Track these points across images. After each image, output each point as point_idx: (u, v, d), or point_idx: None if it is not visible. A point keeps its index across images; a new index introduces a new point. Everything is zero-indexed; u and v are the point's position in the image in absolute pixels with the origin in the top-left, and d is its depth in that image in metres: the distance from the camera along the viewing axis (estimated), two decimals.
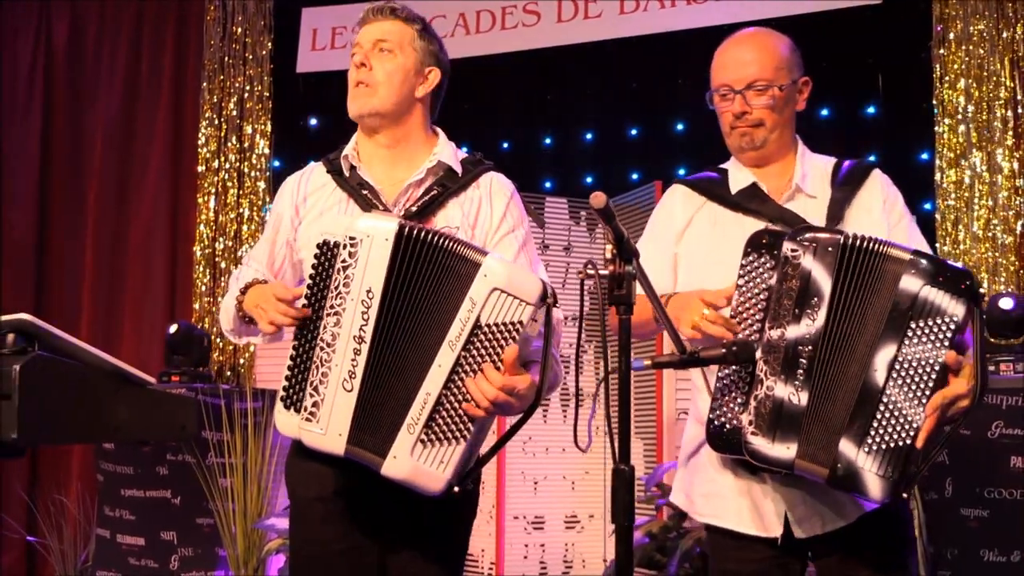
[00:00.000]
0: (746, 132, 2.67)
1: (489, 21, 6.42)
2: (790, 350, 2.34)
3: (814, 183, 2.69)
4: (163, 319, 6.57)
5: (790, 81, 2.67)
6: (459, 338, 2.24)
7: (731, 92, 2.66)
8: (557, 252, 5.54)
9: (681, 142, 6.09)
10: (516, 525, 5.35)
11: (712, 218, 2.73)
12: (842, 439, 2.29)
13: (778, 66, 2.66)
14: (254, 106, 6.78)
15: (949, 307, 2.26)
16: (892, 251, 2.32)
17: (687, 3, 6.01)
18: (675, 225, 2.77)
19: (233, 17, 6.85)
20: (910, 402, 2.25)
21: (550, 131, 6.44)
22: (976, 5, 5.39)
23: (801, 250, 2.36)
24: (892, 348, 2.27)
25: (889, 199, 2.67)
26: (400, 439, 2.26)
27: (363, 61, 2.62)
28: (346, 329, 2.28)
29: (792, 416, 2.33)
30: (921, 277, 2.28)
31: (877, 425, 2.27)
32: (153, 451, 5.25)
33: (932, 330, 2.26)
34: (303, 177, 2.74)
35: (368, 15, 2.67)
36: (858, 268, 2.33)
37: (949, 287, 2.26)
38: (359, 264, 2.28)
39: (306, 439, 2.32)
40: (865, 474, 2.27)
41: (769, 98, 2.64)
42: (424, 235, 2.29)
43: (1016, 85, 5.31)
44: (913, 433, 2.25)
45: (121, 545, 5.37)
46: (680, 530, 4.76)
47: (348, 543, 2.50)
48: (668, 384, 5.11)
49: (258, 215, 6.67)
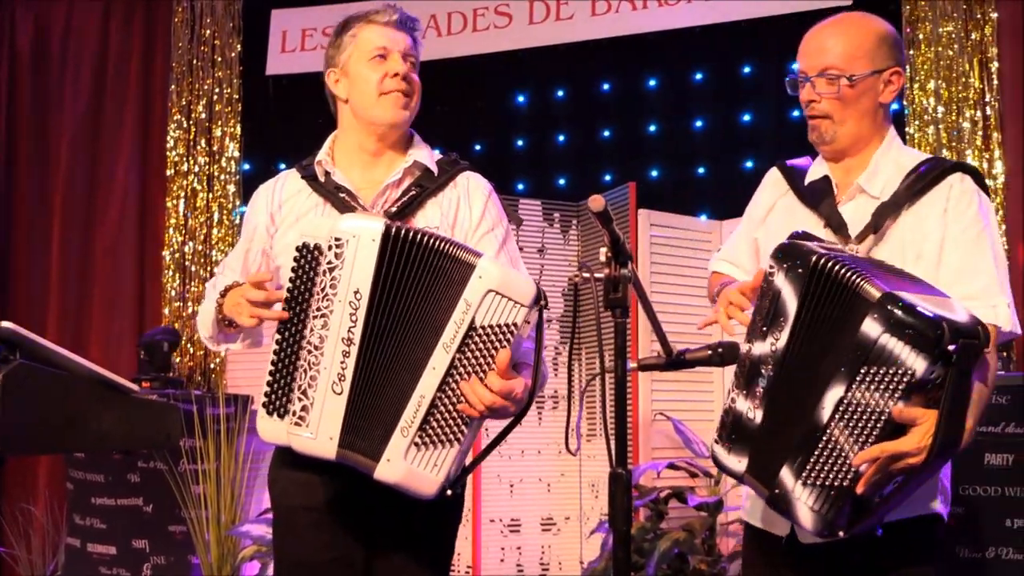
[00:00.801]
0: (814, 126, 2.58)
1: (460, 23, 6.40)
2: (754, 367, 2.30)
3: (884, 182, 2.54)
4: (132, 324, 6.51)
5: (869, 71, 2.51)
6: (454, 340, 2.23)
7: (804, 78, 2.56)
8: (531, 254, 5.52)
9: (654, 143, 6.08)
10: (492, 528, 5.33)
11: (789, 208, 2.68)
12: (784, 466, 2.22)
13: (855, 55, 2.51)
14: (223, 109, 6.73)
15: (908, 360, 2.07)
16: (864, 286, 2.16)
17: (658, 5, 6.01)
18: (759, 209, 2.76)
19: (201, 19, 6.80)
20: (851, 446, 2.13)
21: (523, 133, 6.43)
22: (945, 7, 5.42)
23: (776, 267, 2.30)
24: (841, 388, 2.14)
25: (955, 208, 2.46)
26: (394, 442, 2.24)
27: (404, 71, 2.63)
28: (334, 331, 2.25)
29: (747, 431, 2.31)
30: (882, 323, 2.09)
31: (815, 461, 2.18)
32: (124, 458, 5.19)
33: (884, 379, 2.10)
34: (277, 184, 2.72)
35: (397, 22, 2.67)
36: (823, 296, 2.22)
37: (913, 340, 2.07)
38: (346, 265, 2.25)
39: (295, 444, 2.29)
40: (799, 504, 2.19)
41: (838, 88, 2.51)
42: (412, 235, 2.27)
43: (985, 86, 5.35)
44: (851, 477, 2.14)
45: (92, 554, 5.31)
46: (657, 531, 4.76)
47: (336, 551, 2.48)
48: (644, 385, 5.11)
49: (227, 218, 6.62)
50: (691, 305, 5.23)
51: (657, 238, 5.25)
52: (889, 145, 2.59)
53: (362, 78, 2.63)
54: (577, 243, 5.65)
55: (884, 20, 2.65)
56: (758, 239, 2.73)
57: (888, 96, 2.56)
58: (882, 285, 2.15)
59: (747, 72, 5.87)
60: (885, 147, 2.58)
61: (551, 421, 5.43)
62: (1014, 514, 4.08)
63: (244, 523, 4.97)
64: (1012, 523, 4.10)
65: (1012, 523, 4.10)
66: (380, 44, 2.63)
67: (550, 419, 5.43)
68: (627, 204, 5.21)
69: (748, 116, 5.86)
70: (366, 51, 2.63)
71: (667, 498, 4.85)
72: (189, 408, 5.01)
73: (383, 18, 2.65)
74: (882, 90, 2.55)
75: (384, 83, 2.61)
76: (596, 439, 5.31)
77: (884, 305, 2.10)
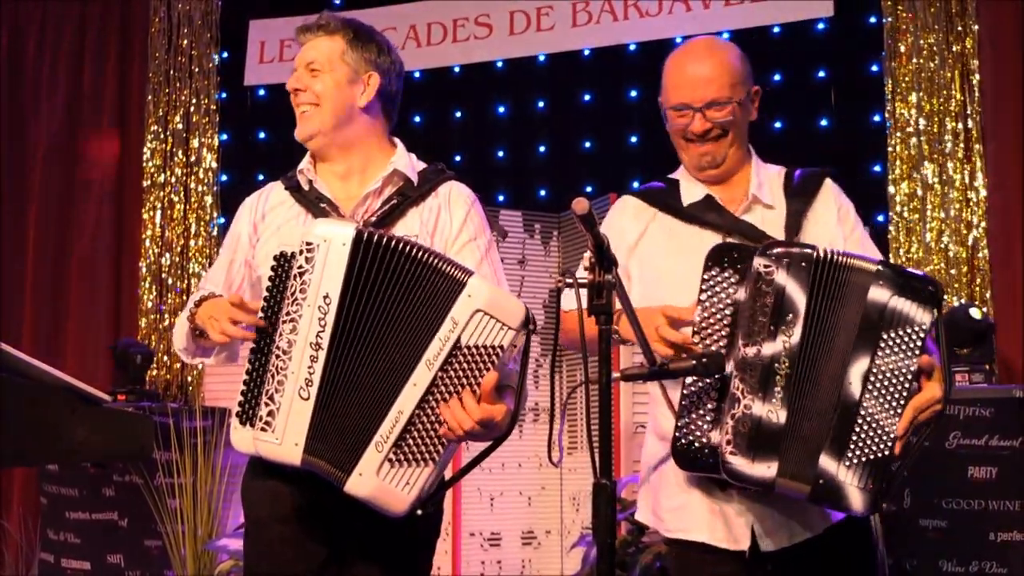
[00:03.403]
0: (707, 152, 2.62)
1: (440, 33, 6.38)
2: (766, 367, 2.30)
3: (770, 193, 2.65)
4: (107, 336, 6.44)
5: (745, 93, 2.62)
6: (437, 358, 2.18)
7: (690, 110, 2.60)
8: (511, 265, 5.49)
9: (635, 154, 6.06)
10: (472, 542, 5.29)
11: (666, 230, 2.67)
12: (822, 455, 2.27)
13: (734, 81, 2.60)
14: (200, 119, 6.67)
15: (917, 315, 2.27)
16: (859, 263, 2.33)
17: (639, 16, 6.01)
18: (626, 239, 2.70)
19: (179, 29, 6.74)
20: (886, 413, 2.26)
21: (503, 143, 6.40)
22: (926, 19, 5.43)
23: (774, 266, 2.33)
24: (866, 361, 2.28)
25: (842, 209, 2.66)
26: (367, 457, 2.19)
27: (296, 87, 2.60)
28: (303, 336, 2.21)
29: (771, 434, 2.29)
30: (889, 288, 2.29)
31: (856, 439, 2.26)
32: (99, 472, 5.14)
33: (903, 340, 2.27)
34: (260, 197, 2.69)
35: (299, 35, 2.64)
36: (830, 282, 2.32)
37: (915, 295, 2.28)
38: (316, 269, 2.21)
39: (261, 450, 2.23)
40: (847, 488, 2.26)
41: (729, 114, 2.59)
42: (388, 242, 2.22)
43: (966, 98, 5.35)
44: (891, 443, 2.26)
45: (66, 570, 5.26)
46: (639, 545, 4.72)
47: (306, 563, 2.43)
48: (624, 396, 5.08)
49: (205, 230, 6.56)
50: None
51: None
52: (757, 159, 2.72)
53: None
54: (558, 254, 5.62)
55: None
56: (630, 268, 2.67)
57: (755, 114, 2.70)
58: (870, 258, 2.36)
59: None
60: (756, 161, 2.71)
61: (532, 434, 5.40)
62: (998, 528, 4.07)
63: (221, 537, 4.92)
64: (996, 537, 4.09)
65: (996, 537, 4.09)
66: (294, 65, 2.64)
67: (531, 432, 5.39)
68: None
69: None
70: None
71: None
72: (165, 421, 4.96)
73: (299, 35, 2.65)
74: (752, 108, 2.68)
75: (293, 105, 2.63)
76: (577, 452, 5.28)
77: (883, 271, 2.30)
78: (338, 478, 2.20)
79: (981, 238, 5.23)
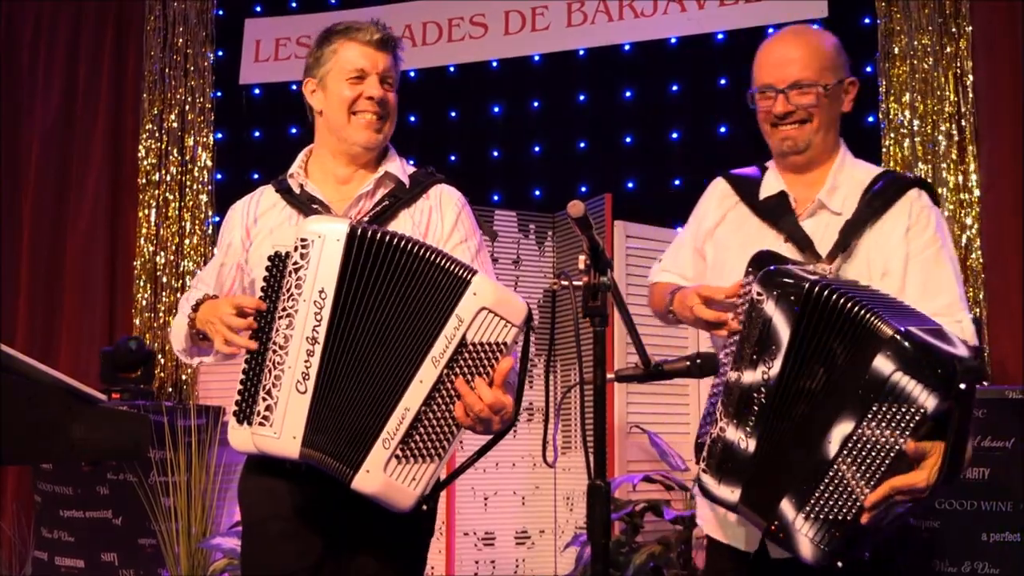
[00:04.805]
0: (788, 136, 2.58)
1: (435, 33, 6.38)
2: (745, 394, 2.29)
3: (844, 198, 2.57)
4: (102, 335, 6.44)
5: (835, 81, 2.56)
6: (443, 355, 2.21)
7: (773, 91, 2.57)
8: (506, 265, 5.49)
9: (629, 154, 6.07)
10: (466, 541, 5.29)
11: (740, 221, 2.68)
12: (784, 498, 2.21)
13: (823, 66, 2.56)
14: (196, 118, 6.68)
15: (920, 397, 2.09)
16: (873, 321, 2.15)
17: (635, 16, 6.01)
18: (705, 222, 2.74)
19: (174, 27, 6.75)
20: (858, 481, 2.14)
21: (498, 143, 6.40)
22: (920, 20, 5.44)
23: (765, 295, 2.28)
24: (850, 424, 2.15)
25: (916, 225, 2.51)
26: (374, 453, 2.21)
27: (382, 96, 2.62)
28: (298, 330, 2.23)
29: (739, 461, 2.29)
30: (896, 361, 2.10)
31: (819, 495, 2.17)
32: (93, 471, 5.13)
33: (896, 416, 2.11)
34: (252, 200, 2.72)
35: (378, 42, 2.64)
36: (824, 325, 2.21)
37: (926, 377, 2.09)
38: (311, 264, 2.24)
39: (260, 444, 2.25)
40: (800, 536, 2.19)
41: (814, 98, 2.54)
42: (383, 237, 2.25)
43: (960, 99, 5.36)
44: (856, 510, 2.14)
45: (60, 568, 5.25)
46: (633, 545, 4.73)
47: (304, 561, 2.45)
48: (619, 397, 5.08)
49: (200, 228, 6.56)
50: None
51: (633, 249, 5.23)
52: (843, 160, 2.63)
53: (338, 96, 2.63)
54: (552, 254, 5.62)
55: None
56: (705, 251, 2.71)
57: (848, 105, 2.63)
58: (891, 320, 2.14)
59: (723, 83, 5.87)
60: (839, 162, 2.62)
61: (526, 433, 5.39)
62: (991, 528, 4.07)
63: (215, 536, 4.91)
64: (988, 537, 4.09)
65: (988, 537, 4.09)
66: (359, 65, 2.62)
67: (525, 431, 5.39)
68: (603, 215, 5.19)
69: (724, 128, 5.86)
70: (345, 69, 2.62)
71: (643, 511, 4.82)
72: (160, 419, 4.96)
73: (365, 36, 2.63)
74: (844, 99, 2.62)
75: (358, 104, 2.61)
76: (571, 452, 5.28)
77: (898, 342, 2.11)
78: (344, 474, 2.22)
79: (974, 239, 5.23)
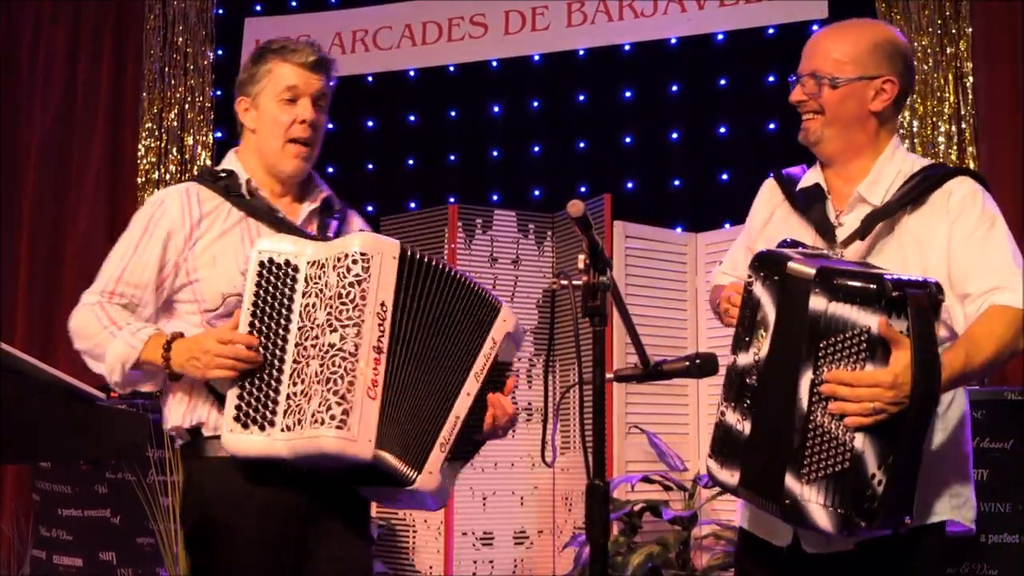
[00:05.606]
0: (804, 127, 2.55)
1: (435, 33, 6.38)
2: (739, 378, 2.31)
3: (885, 191, 2.48)
4: None
5: (857, 76, 2.46)
6: (483, 371, 2.52)
7: (796, 78, 2.54)
8: (505, 265, 5.49)
9: (630, 155, 6.07)
10: (465, 541, 5.29)
11: (784, 217, 2.66)
12: (787, 473, 2.16)
13: (844, 59, 2.47)
14: (195, 117, 6.67)
15: (859, 319, 2.09)
16: (800, 270, 2.20)
17: (635, 16, 6.01)
18: (757, 220, 2.75)
19: (174, 26, 6.74)
20: (837, 424, 2.11)
21: (497, 143, 6.39)
22: (920, 21, 5.44)
23: (754, 277, 2.31)
24: (809, 370, 2.14)
25: (959, 214, 2.40)
26: (433, 456, 2.43)
27: (314, 119, 2.66)
28: (366, 339, 2.35)
29: (736, 444, 2.30)
30: (825, 294, 2.12)
31: (810, 453, 2.13)
32: (91, 469, 5.14)
33: (845, 346, 2.11)
34: (190, 198, 2.65)
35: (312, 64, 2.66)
36: (791, 294, 2.22)
37: (857, 299, 2.10)
38: (372, 279, 2.36)
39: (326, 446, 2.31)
40: (811, 506, 2.13)
41: (819, 90, 2.48)
42: (427, 260, 2.46)
43: (960, 100, 5.36)
44: (850, 457, 2.09)
45: (58, 566, 5.27)
46: (631, 545, 4.73)
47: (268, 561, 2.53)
48: (618, 397, 5.08)
49: None
50: (666, 317, 5.21)
51: (632, 250, 5.23)
52: (892, 154, 2.53)
53: (270, 117, 2.65)
54: (552, 254, 5.62)
55: (894, 30, 2.62)
56: (755, 248, 2.65)
57: (879, 105, 2.50)
58: (810, 264, 2.19)
59: (723, 84, 5.86)
60: (887, 156, 2.53)
61: (524, 434, 5.39)
62: (990, 529, 4.07)
63: None
64: (987, 539, 4.09)
65: (987, 539, 4.09)
66: (292, 83, 2.64)
67: (523, 432, 5.39)
68: (602, 215, 5.19)
69: (724, 128, 5.85)
70: (278, 88, 2.65)
71: (641, 511, 4.83)
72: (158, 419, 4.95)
73: (300, 58, 2.65)
74: (872, 97, 2.49)
75: (291, 129, 2.64)
76: (570, 452, 5.28)
77: (823, 278, 2.14)
78: (407, 475, 2.39)
79: None
